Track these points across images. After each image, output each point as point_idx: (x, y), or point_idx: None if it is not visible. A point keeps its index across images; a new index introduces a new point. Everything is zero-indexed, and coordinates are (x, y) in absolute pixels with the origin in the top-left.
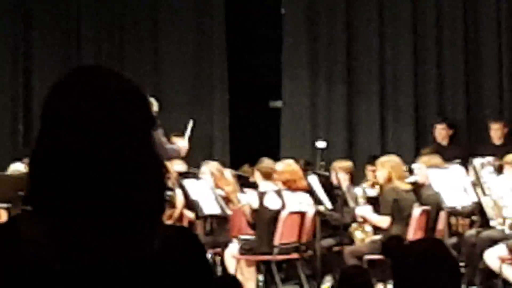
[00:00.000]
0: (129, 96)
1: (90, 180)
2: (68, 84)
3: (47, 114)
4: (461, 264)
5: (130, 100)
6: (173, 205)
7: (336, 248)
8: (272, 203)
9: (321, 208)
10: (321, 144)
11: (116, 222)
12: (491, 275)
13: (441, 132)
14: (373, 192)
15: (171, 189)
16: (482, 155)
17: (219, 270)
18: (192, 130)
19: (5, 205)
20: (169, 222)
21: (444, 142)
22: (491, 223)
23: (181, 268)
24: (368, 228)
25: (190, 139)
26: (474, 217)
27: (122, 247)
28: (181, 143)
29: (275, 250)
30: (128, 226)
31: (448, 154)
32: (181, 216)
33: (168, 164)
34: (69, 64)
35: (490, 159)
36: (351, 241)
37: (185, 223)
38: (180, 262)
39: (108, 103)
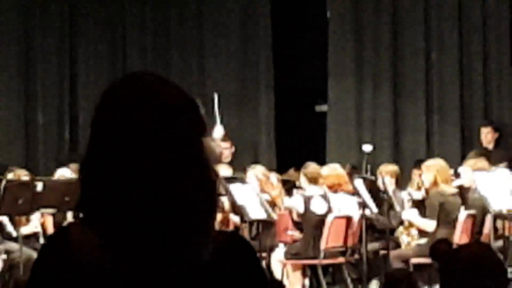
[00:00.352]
0: (180, 103)
1: (141, 189)
2: (119, 91)
3: (98, 122)
4: (508, 268)
5: (181, 107)
6: (220, 210)
7: (382, 252)
8: (318, 207)
9: (367, 212)
10: (367, 148)
11: (168, 230)
12: None
13: (487, 136)
14: (418, 196)
15: (223, 195)
16: None
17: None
18: (219, 105)
19: (51, 210)
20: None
21: (490, 146)
22: None
23: (235, 275)
24: (414, 231)
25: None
26: None
27: (174, 256)
28: (215, 131)
29: (321, 254)
30: (180, 234)
31: (494, 157)
32: (227, 220)
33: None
34: (114, 69)
35: None
36: (397, 245)
37: (231, 228)
38: (234, 269)
39: (158, 110)
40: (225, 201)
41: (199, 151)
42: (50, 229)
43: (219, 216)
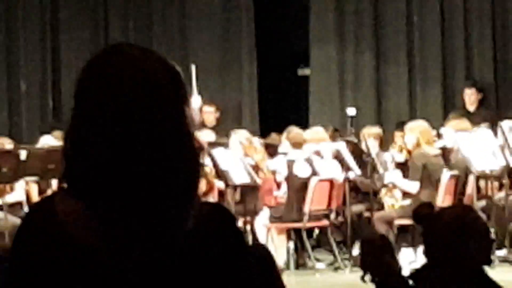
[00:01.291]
0: (161, 72)
1: (124, 159)
2: (100, 62)
3: (81, 93)
4: (491, 228)
5: (162, 76)
6: (204, 175)
7: (366, 214)
8: (301, 171)
9: (351, 174)
10: (351, 111)
11: (152, 199)
12: None
13: (470, 97)
14: (401, 158)
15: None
16: (510, 118)
17: (249, 238)
18: (197, 77)
19: (35, 178)
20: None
21: (473, 107)
22: None
23: (215, 246)
24: (397, 193)
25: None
26: (503, 180)
27: (159, 225)
28: (193, 102)
29: (305, 218)
30: (164, 203)
31: (475, 118)
32: (211, 185)
33: (198, 134)
34: (96, 37)
35: None
36: (381, 207)
37: (215, 193)
38: (214, 240)
39: (140, 80)
40: (209, 166)
41: (182, 120)
42: (35, 197)
43: (203, 182)
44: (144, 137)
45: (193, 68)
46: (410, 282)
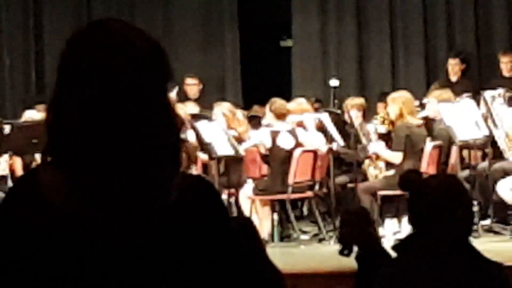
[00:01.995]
0: (144, 47)
1: (106, 130)
2: (84, 37)
3: (64, 67)
4: (475, 198)
5: (145, 51)
6: (188, 147)
7: (350, 185)
8: (285, 142)
9: (334, 145)
10: (334, 82)
11: (134, 172)
12: (504, 206)
13: (454, 67)
14: (383, 129)
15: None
16: (493, 88)
17: (234, 210)
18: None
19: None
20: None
21: (456, 77)
22: (504, 155)
23: (198, 217)
24: (381, 164)
25: None
26: (486, 150)
27: (142, 197)
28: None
29: (289, 189)
30: (145, 176)
31: (458, 88)
32: (195, 158)
33: (181, 106)
34: (78, 11)
35: (500, 91)
36: (365, 178)
37: (199, 165)
38: (197, 211)
39: (123, 54)
40: (192, 138)
41: (163, 96)
42: (19, 172)
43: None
44: (126, 109)
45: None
46: (393, 253)
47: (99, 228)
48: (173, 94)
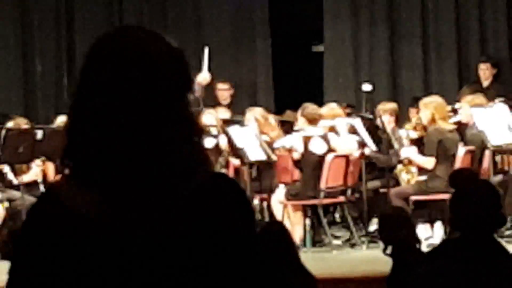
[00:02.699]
0: (167, 56)
1: (123, 138)
2: (107, 42)
3: (86, 70)
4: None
5: (167, 60)
6: (219, 152)
7: (382, 190)
8: (317, 147)
9: (367, 150)
10: (367, 87)
11: (151, 177)
12: None
13: (485, 72)
14: (415, 134)
15: (216, 136)
16: None
17: (266, 215)
18: (209, 59)
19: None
20: (214, 169)
21: (487, 82)
22: None
23: (218, 212)
24: (413, 169)
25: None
26: None
27: (159, 201)
28: (200, 76)
29: (321, 194)
30: (163, 181)
31: (489, 92)
32: (227, 163)
33: (214, 111)
34: (111, 15)
35: None
36: (397, 183)
37: (231, 170)
38: (217, 206)
39: (144, 62)
40: (224, 143)
41: (183, 104)
42: (51, 177)
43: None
44: (144, 117)
45: (206, 50)
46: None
47: (119, 231)
48: (203, 78)
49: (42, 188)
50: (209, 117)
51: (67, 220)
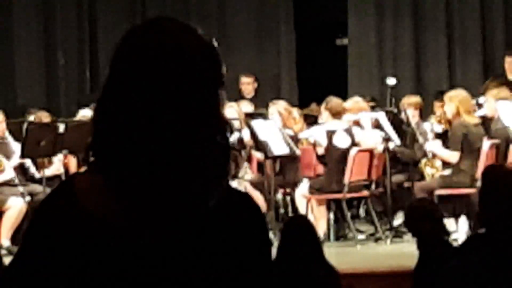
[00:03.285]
0: (199, 50)
1: (151, 135)
2: (138, 35)
3: (116, 63)
4: None
5: (200, 54)
6: (243, 146)
7: (406, 184)
8: (341, 141)
9: (391, 144)
10: (391, 81)
11: (175, 180)
12: None
13: (510, 65)
14: (439, 128)
15: (239, 130)
16: None
17: (289, 210)
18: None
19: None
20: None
21: None
22: None
23: (235, 228)
24: (438, 163)
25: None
26: None
27: (178, 206)
28: None
29: (345, 188)
30: (188, 185)
31: None
32: (250, 156)
33: (236, 105)
34: (133, 10)
35: None
36: (421, 177)
37: (254, 164)
38: (234, 222)
39: (176, 57)
40: (247, 137)
41: (214, 102)
42: (73, 170)
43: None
44: (174, 113)
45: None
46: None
47: (131, 232)
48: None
49: None
50: (231, 111)
51: (78, 217)
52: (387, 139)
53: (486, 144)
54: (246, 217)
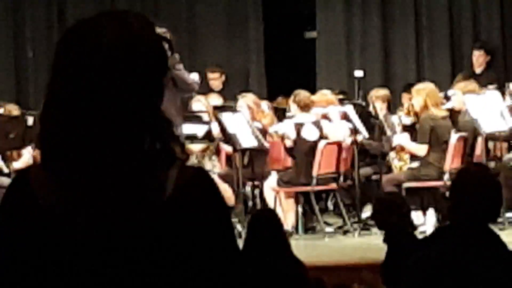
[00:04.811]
0: (143, 43)
1: (93, 131)
2: (72, 36)
3: (58, 57)
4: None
5: (143, 48)
6: (212, 139)
7: (374, 177)
8: (309, 134)
9: (359, 137)
10: (358, 73)
11: (122, 171)
12: None
13: (478, 59)
14: (407, 121)
15: (207, 123)
16: None
17: (258, 203)
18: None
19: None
20: (206, 155)
21: (480, 69)
22: None
23: (194, 212)
24: (406, 156)
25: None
26: (511, 141)
27: (130, 196)
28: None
29: (314, 181)
30: (134, 175)
31: (482, 79)
32: (219, 149)
33: (204, 99)
34: (102, 4)
35: None
36: (389, 170)
37: (222, 157)
38: (193, 206)
39: (118, 51)
40: (216, 130)
41: (158, 94)
42: None
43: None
44: (112, 108)
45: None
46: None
47: (89, 227)
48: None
49: None
50: (199, 104)
51: (33, 209)
52: (355, 132)
53: (454, 137)
54: (202, 201)
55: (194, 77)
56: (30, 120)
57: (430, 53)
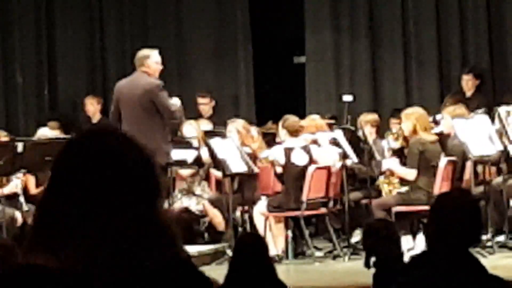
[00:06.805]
0: (137, 164)
1: (90, 240)
2: (80, 145)
3: (59, 168)
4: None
5: (138, 168)
6: (201, 164)
7: (364, 201)
8: (299, 159)
9: (348, 162)
10: (347, 98)
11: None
12: None
13: (467, 83)
14: (396, 145)
15: (197, 148)
16: (507, 103)
17: (248, 227)
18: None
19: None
20: (196, 180)
21: (470, 92)
22: None
23: None
24: (395, 180)
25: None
26: (501, 165)
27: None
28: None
29: (303, 206)
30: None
31: (471, 103)
32: (209, 175)
33: (195, 123)
34: (91, 29)
35: None
36: (379, 194)
37: (212, 182)
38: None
39: (116, 169)
40: (206, 155)
41: (152, 211)
42: (32, 189)
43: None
44: (110, 223)
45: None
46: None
47: None
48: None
49: (22, 200)
50: (190, 129)
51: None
52: (344, 157)
53: (443, 161)
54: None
55: (176, 102)
56: (19, 147)
57: (418, 77)
